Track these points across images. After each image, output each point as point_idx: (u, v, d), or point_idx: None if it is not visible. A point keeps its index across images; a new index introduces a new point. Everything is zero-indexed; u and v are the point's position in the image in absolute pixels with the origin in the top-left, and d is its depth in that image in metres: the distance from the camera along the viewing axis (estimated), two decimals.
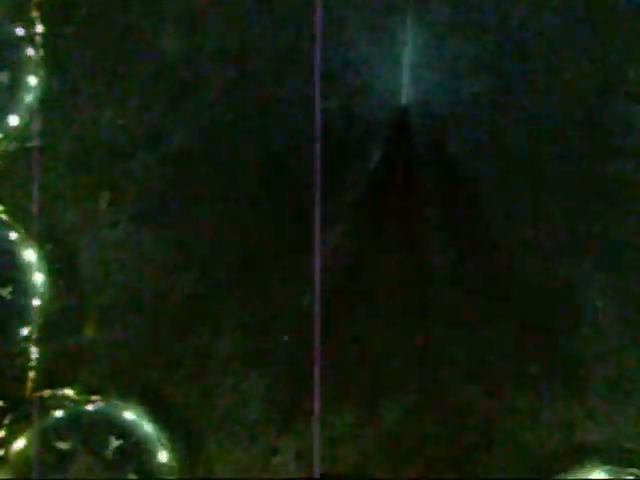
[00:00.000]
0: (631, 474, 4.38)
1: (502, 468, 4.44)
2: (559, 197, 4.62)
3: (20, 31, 4.63)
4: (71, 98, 4.64)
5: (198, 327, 4.49)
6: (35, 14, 4.65)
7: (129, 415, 4.35)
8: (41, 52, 4.62)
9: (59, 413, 4.32)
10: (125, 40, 4.70)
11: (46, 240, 4.49)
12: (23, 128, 4.55)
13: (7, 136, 4.55)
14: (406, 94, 4.58)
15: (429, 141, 4.65)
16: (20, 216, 4.50)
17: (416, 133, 4.64)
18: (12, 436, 4.29)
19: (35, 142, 4.57)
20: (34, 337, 4.40)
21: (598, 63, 4.69)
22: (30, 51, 4.62)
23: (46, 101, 4.59)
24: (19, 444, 4.27)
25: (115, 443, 4.32)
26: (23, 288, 4.41)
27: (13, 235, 4.47)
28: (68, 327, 4.46)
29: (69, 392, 4.38)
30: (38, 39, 4.63)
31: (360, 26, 4.71)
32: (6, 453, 4.26)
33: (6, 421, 4.33)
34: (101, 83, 4.66)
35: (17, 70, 4.58)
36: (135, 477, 4.30)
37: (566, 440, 4.45)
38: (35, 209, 4.51)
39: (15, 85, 4.57)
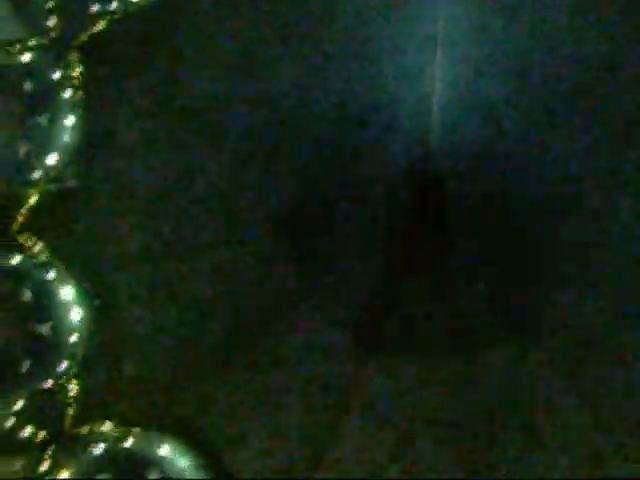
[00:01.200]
0: None
1: None
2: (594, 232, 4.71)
3: (58, 74, 4.76)
4: (109, 140, 4.77)
5: (234, 362, 4.58)
6: (73, 57, 4.78)
7: (166, 449, 4.43)
8: (79, 94, 4.74)
9: (98, 448, 4.41)
10: (160, 84, 4.84)
11: (85, 278, 4.59)
12: (62, 168, 4.67)
13: (46, 176, 4.66)
14: (435, 133, 4.69)
15: (459, 180, 4.75)
16: (59, 255, 4.60)
17: (446, 173, 4.74)
18: (55, 469, 4.38)
19: (74, 183, 4.69)
20: (73, 373, 4.48)
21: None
22: (68, 93, 4.74)
23: (85, 142, 4.71)
24: (61, 477, 4.37)
25: (152, 476, 4.40)
26: (62, 325, 4.50)
27: (52, 274, 4.57)
28: (106, 363, 4.54)
29: (107, 427, 4.46)
30: (76, 81, 4.76)
31: (390, 66, 4.83)
32: None
33: (48, 452, 4.41)
34: (136, 125, 4.79)
35: (55, 112, 4.70)
36: None
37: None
38: (74, 248, 4.62)
39: (53, 126, 4.68)
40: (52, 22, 4.89)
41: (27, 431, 4.43)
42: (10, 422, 4.40)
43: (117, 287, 4.63)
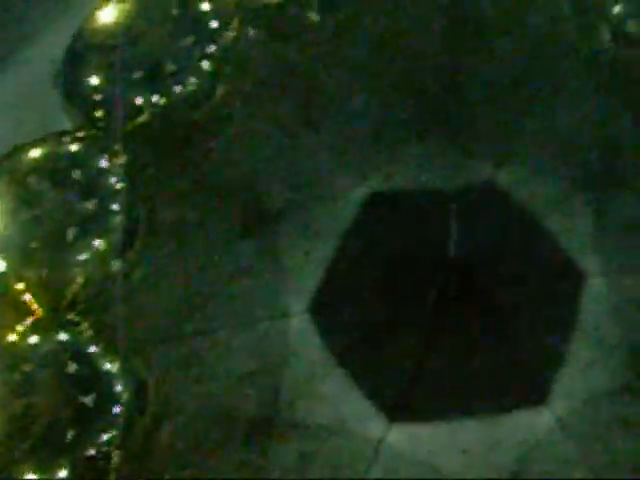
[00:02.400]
0: None
1: None
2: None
3: (105, 162, 5.08)
4: (148, 222, 5.05)
5: (267, 432, 4.77)
6: (119, 146, 5.10)
7: None
8: (124, 180, 5.04)
9: None
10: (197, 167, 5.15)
11: (128, 353, 4.82)
12: (107, 251, 4.95)
13: (92, 257, 4.94)
14: None
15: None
16: (103, 331, 4.84)
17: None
18: None
19: (117, 264, 4.96)
20: (115, 442, 4.68)
21: None
22: (114, 180, 5.05)
23: (127, 226, 4.99)
24: None
25: None
26: (105, 397, 4.72)
27: (96, 348, 4.81)
28: (146, 431, 4.75)
29: None
30: (121, 170, 5.06)
31: None
32: None
33: None
34: (173, 207, 5.10)
35: (102, 197, 4.99)
36: None
37: None
38: (116, 325, 4.88)
39: (100, 211, 4.97)
40: (99, 114, 5.19)
41: None
42: None
43: (155, 362, 4.86)
